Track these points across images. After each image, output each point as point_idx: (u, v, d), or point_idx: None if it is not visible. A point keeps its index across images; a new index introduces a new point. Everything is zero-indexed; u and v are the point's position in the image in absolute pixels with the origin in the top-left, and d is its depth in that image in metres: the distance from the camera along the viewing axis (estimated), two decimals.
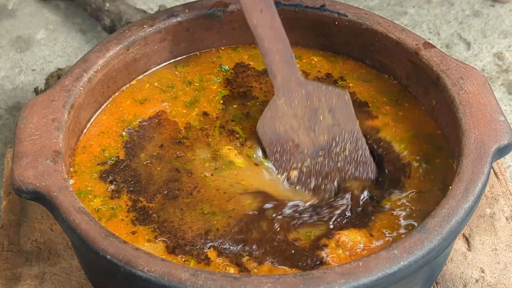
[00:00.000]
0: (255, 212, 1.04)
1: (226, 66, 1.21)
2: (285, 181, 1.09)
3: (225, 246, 1.00)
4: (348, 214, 1.04)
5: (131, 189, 1.06)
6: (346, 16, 1.18)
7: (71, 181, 1.06)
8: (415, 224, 1.02)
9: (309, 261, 0.99)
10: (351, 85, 1.19)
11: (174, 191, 1.06)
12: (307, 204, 1.06)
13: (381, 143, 1.11)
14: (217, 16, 1.20)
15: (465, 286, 1.12)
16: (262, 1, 1.11)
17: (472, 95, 1.07)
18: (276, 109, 1.11)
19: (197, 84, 1.19)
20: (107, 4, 1.52)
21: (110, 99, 1.16)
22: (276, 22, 1.12)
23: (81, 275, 1.11)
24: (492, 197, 1.21)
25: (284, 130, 1.11)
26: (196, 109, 1.16)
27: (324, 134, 1.11)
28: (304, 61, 1.22)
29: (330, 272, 0.90)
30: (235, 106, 1.17)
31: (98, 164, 1.09)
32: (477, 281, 1.12)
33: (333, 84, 1.18)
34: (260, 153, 1.11)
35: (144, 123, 1.14)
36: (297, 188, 1.08)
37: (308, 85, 1.12)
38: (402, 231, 1.02)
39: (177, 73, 1.21)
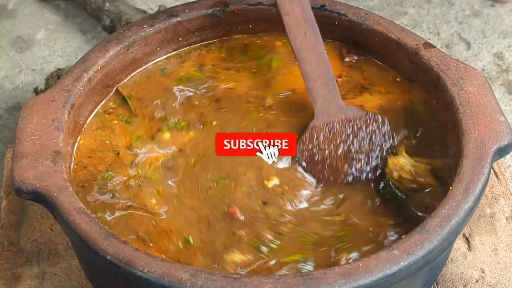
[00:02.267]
0: None
1: None
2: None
3: None
4: None
5: None
6: (346, 16, 1.18)
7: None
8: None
9: None
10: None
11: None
12: None
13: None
14: (217, 16, 1.20)
15: (465, 286, 1.12)
16: (306, 24, 1.10)
17: (472, 95, 1.07)
18: (314, 133, 1.10)
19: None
20: (107, 4, 1.52)
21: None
22: (319, 46, 1.11)
23: (81, 275, 1.11)
24: (492, 197, 1.21)
25: (322, 155, 1.09)
26: None
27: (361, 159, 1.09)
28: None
29: (330, 272, 0.90)
30: None
31: None
32: (477, 281, 1.12)
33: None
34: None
35: None
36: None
37: (348, 110, 1.10)
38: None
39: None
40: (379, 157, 1.08)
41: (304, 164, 1.09)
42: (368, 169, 1.08)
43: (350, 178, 1.07)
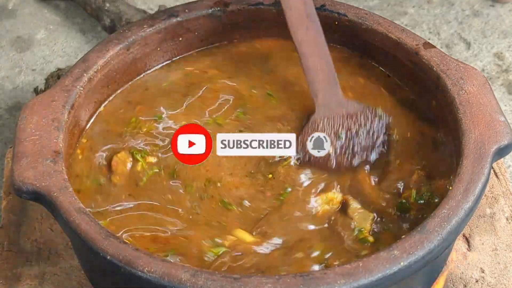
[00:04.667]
0: None
1: None
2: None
3: None
4: None
5: None
6: (346, 16, 1.18)
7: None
8: None
9: None
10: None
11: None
12: None
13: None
14: (217, 16, 1.20)
15: (465, 286, 1.12)
16: (308, 19, 1.11)
17: (472, 95, 1.07)
18: (315, 127, 1.10)
19: None
20: (107, 4, 1.52)
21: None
22: (321, 40, 1.12)
23: (81, 275, 1.12)
24: (492, 197, 1.21)
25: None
26: None
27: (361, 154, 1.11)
28: None
29: (330, 272, 0.90)
30: None
31: None
32: (477, 281, 1.12)
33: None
34: None
35: None
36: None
37: (349, 104, 1.11)
38: None
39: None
40: (378, 150, 1.10)
41: (305, 158, 1.09)
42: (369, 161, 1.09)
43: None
